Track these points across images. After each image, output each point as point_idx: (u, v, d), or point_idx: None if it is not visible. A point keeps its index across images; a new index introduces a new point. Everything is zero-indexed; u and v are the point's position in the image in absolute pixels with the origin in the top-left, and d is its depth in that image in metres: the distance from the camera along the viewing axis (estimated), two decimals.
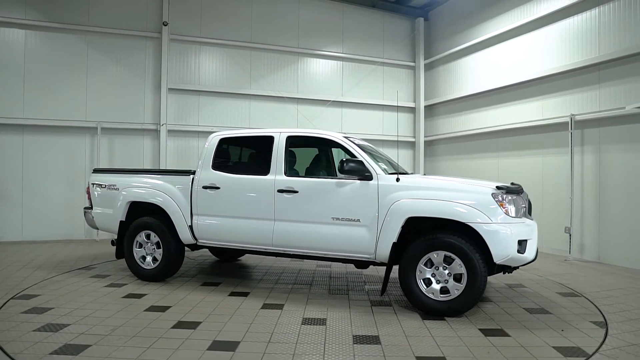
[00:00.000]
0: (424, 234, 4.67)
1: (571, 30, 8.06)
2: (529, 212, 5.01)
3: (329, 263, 7.31)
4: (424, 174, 4.93)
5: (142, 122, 9.95)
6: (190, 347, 3.68)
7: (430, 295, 4.61)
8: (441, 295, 4.58)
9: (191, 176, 5.80)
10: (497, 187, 4.61)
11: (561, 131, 8.23)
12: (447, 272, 4.56)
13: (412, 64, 12.41)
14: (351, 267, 6.99)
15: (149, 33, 9.99)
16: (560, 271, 6.83)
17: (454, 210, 4.49)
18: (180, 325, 4.24)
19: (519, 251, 4.43)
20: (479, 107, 10.41)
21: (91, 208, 6.46)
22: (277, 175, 5.30)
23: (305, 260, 7.55)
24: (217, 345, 3.74)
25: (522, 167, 9.14)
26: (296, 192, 5.16)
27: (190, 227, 5.72)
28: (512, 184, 5.15)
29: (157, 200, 5.85)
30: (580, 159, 7.92)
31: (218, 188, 5.56)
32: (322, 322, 4.40)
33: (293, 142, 5.51)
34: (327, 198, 5.04)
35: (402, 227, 4.65)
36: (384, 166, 5.23)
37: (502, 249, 4.38)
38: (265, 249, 5.42)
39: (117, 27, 9.74)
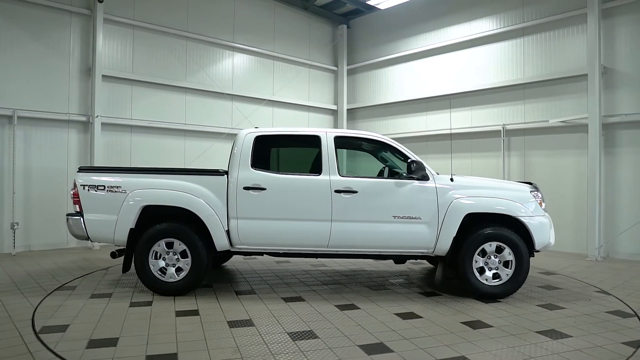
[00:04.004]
0: (474, 227, 5.26)
1: (500, 53, 9.64)
2: None
3: (321, 262, 7.36)
4: (453, 174, 5.48)
5: (67, 113, 8.34)
6: (350, 356, 3.54)
7: (484, 282, 5.22)
8: (493, 281, 5.23)
9: (225, 176, 5.31)
10: (532, 186, 5.47)
11: (489, 138, 9.77)
12: (497, 260, 5.23)
13: (334, 68, 12.98)
14: (354, 264, 7.20)
15: (74, 8, 8.41)
16: None
17: (508, 207, 5.19)
18: (297, 337, 3.98)
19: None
20: (406, 113, 11.53)
21: (78, 214, 5.33)
22: (331, 176, 5.26)
23: (291, 260, 7.47)
24: (370, 349, 3.68)
25: (449, 169, 10.46)
26: (355, 192, 5.22)
27: (227, 231, 5.25)
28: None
29: (187, 203, 5.19)
30: (507, 162, 9.55)
31: (264, 189, 5.23)
32: (414, 315, 4.62)
33: (340, 142, 5.53)
34: (387, 198, 5.23)
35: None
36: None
37: (541, 237, 5.24)
38: (319, 251, 5.33)
39: None
